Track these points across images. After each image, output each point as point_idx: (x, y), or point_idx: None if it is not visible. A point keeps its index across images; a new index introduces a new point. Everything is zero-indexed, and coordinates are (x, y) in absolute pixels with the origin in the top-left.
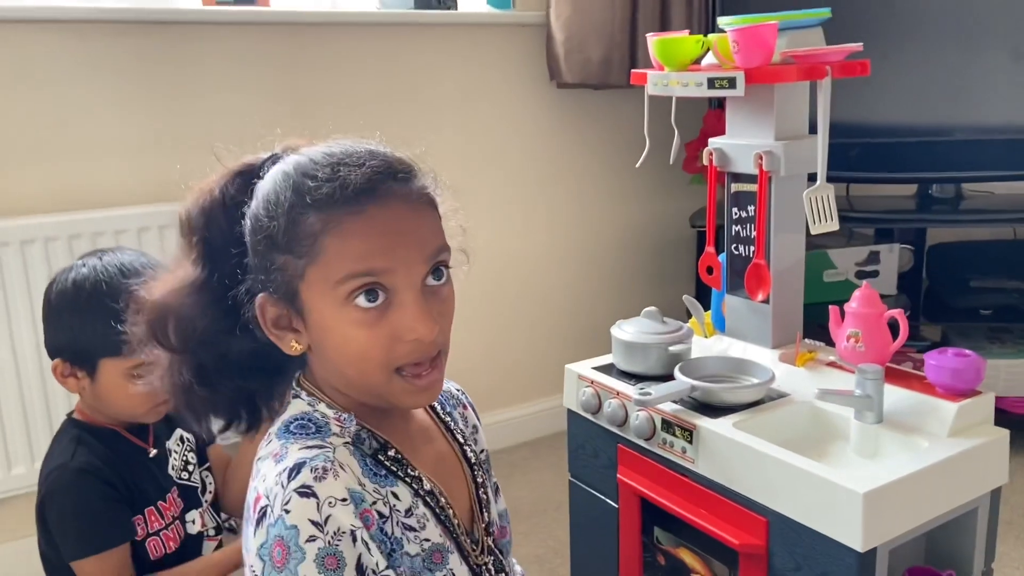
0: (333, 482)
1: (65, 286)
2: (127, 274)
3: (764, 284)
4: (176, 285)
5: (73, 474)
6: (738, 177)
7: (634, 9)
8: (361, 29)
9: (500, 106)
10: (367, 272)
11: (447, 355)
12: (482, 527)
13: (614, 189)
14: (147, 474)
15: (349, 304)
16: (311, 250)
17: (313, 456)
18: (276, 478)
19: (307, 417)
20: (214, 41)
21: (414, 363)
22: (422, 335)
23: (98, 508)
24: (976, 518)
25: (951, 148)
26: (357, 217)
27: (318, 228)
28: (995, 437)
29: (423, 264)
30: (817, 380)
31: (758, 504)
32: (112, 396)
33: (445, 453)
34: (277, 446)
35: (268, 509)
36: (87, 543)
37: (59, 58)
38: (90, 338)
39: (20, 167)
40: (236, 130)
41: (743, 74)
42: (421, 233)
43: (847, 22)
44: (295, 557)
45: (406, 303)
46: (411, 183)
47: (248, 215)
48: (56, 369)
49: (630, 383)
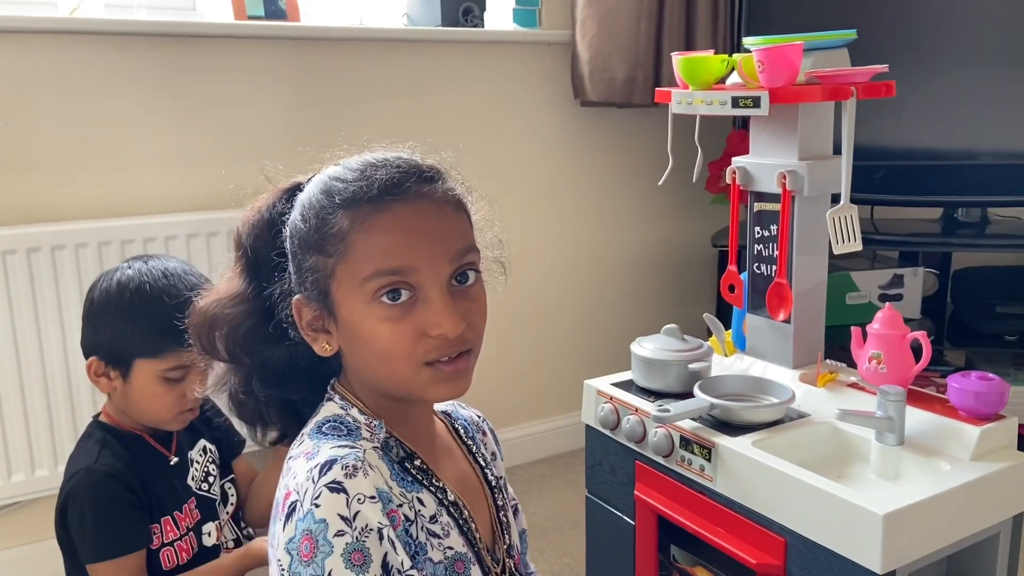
0: (363, 480)
1: (109, 285)
2: (171, 279)
3: (786, 304)
4: (222, 296)
5: (98, 477)
6: (761, 196)
7: (659, 28)
8: (389, 45)
9: (525, 123)
10: (392, 270)
11: (477, 355)
12: (504, 548)
13: (636, 207)
14: (165, 482)
15: (376, 301)
16: (340, 248)
17: (344, 454)
18: (307, 474)
19: (339, 420)
20: (245, 54)
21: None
22: (447, 330)
23: (118, 513)
24: (998, 544)
25: (977, 172)
26: (382, 215)
27: (346, 226)
28: (1018, 462)
29: (448, 263)
30: (838, 401)
31: (776, 524)
32: (142, 398)
33: (467, 472)
34: (309, 445)
35: (298, 504)
36: (106, 547)
37: (98, 69)
38: (128, 338)
39: (52, 174)
40: (266, 142)
41: (768, 93)
42: (446, 232)
43: (873, 44)
44: (323, 551)
45: (431, 299)
46: (437, 184)
47: (288, 223)
48: (90, 367)
49: (649, 400)
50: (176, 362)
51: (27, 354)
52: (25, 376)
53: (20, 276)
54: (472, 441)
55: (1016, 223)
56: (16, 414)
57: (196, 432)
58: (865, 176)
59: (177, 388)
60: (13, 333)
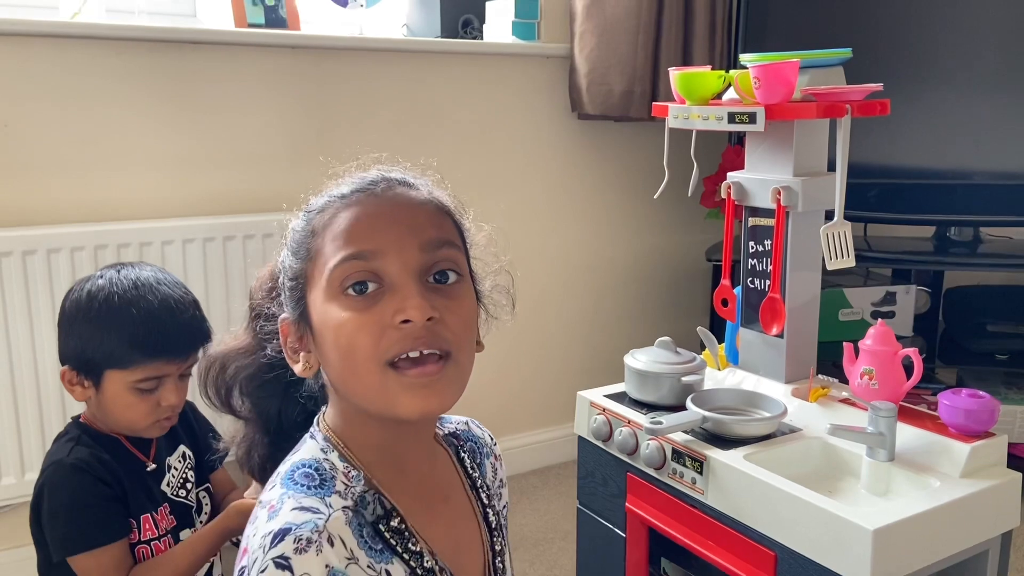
0: (313, 557)
1: (80, 296)
2: (141, 290)
3: (779, 318)
4: (229, 348)
5: (68, 469)
6: (756, 211)
7: (657, 43)
8: (388, 55)
9: (522, 135)
10: (356, 254)
11: (459, 364)
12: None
13: (632, 220)
14: (141, 485)
15: (342, 293)
16: (310, 248)
17: (302, 523)
18: (261, 540)
19: (315, 465)
20: (245, 62)
21: (408, 356)
22: (411, 315)
23: (92, 504)
24: (987, 561)
25: (970, 191)
26: (347, 209)
27: (316, 226)
28: (1008, 479)
29: (419, 250)
30: (830, 416)
31: (767, 538)
32: (115, 408)
33: (462, 515)
34: (276, 496)
35: (246, 571)
36: (81, 539)
37: (99, 74)
38: (97, 348)
39: (50, 177)
40: (264, 149)
41: (763, 110)
42: (417, 219)
43: (868, 63)
44: None
45: (397, 287)
46: (418, 189)
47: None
48: (64, 376)
49: (642, 412)
50: (145, 373)
51: (20, 357)
52: (17, 380)
53: (15, 278)
54: (478, 469)
55: (1008, 243)
56: (7, 417)
57: (176, 437)
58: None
59: (150, 398)
60: (7, 336)
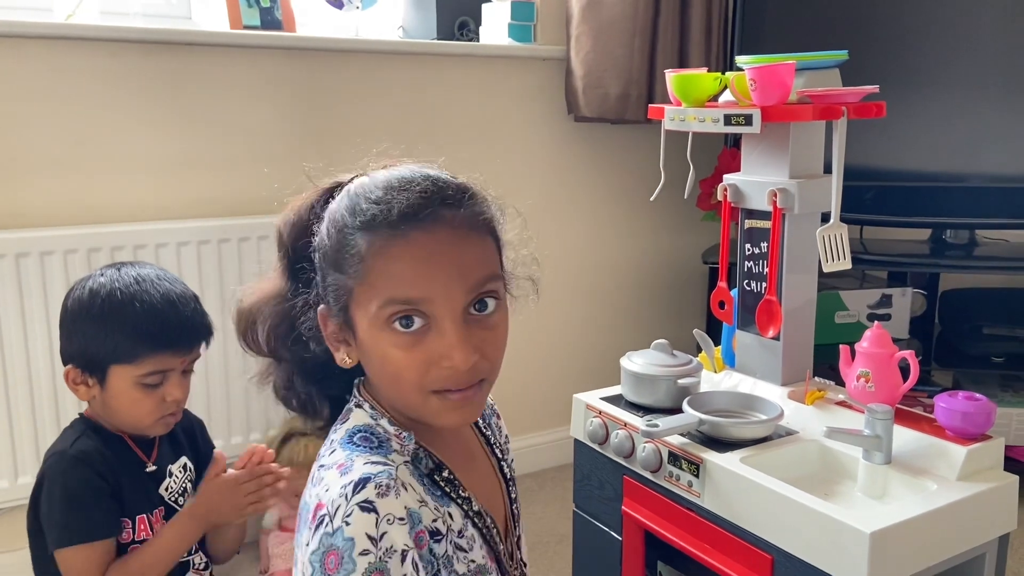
0: (394, 500)
1: (82, 293)
2: (142, 285)
3: (775, 321)
4: (263, 295)
5: (69, 460)
6: (752, 213)
7: (653, 46)
8: (383, 58)
9: (518, 137)
10: (405, 300)
11: (492, 383)
12: (514, 541)
13: (628, 222)
14: (140, 484)
15: (389, 327)
16: (358, 270)
17: (378, 472)
18: (340, 490)
19: (370, 430)
20: (241, 64)
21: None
22: (457, 363)
23: (87, 497)
24: (984, 564)
25: (966, 194)
26: (399, 241)
27: (364, 249)
28: (1004, 482)
29: (464, 293)
30: (826, 419)
31: (763, 541)
32: (120, 404)
33: (487, 472)
34: (342, 456)
35: (327, 519)
36: (72, 532)
37: (93, 76)
38: (102, 344)
39: (44, 179)
40: (260, 151)
41: (760, 112)
42: (464, 261)
43: (864, 65)
44: (346, 567)
45: (444, 331)
46: (462, 208)
47: (317, 233)
48: (68, 375)
49: (638, 415)
50: (151, 367)
51: (13, 360)
52: (11, 383)
53: (8, 281)
54: (490, 428)
55: (1004, 245)
56: (0, 421)
57: (180, 447)
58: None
59: (155, 393)
60: (0, 338)
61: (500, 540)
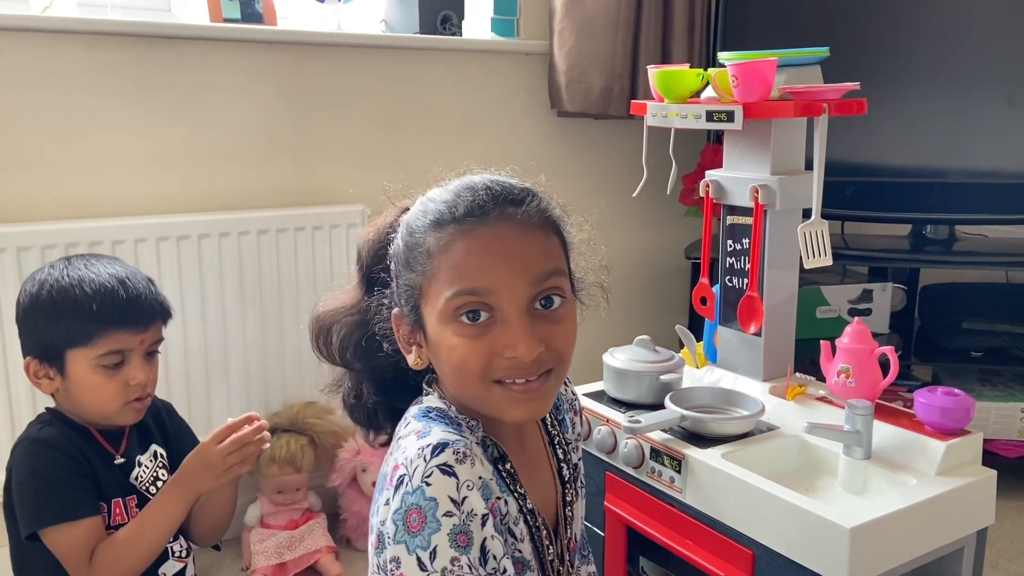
0: (471, 468)
1: (32, 287)
2: (90, 268)
3: (757, 316)
4: (339, 305)
5: (37, 445)
6: (734, 210)
7: (636, 41)
8: (366, 52)
9: (501, 132)
10: (470, 291)
11: (560, 373)
12: (565, 543)
13: (610, 218)
14: (110, 473)
15: (455, 319)
16: (426, 268)
17: (455, 440)
18: (418, 451)
19: (443, 411)
20: (221, 57)
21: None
22: (520, 354)
23: (62, 476)
24: (962, 557)
25: (945, 190)
26: (464, 236)
27: (431, 246)
28: (983, 477)
29: (529, 286)
30: (807, 414)
31: (745, 536)
32: (83, 391)
33: (544, 471)
34: (419, 425)
35: (406, 478)
36: (52, 511)
37: (71, 69)
38: (55, 330)
39: (24, 174)
40: (241, 145)
41: (741, 108)
42: (528, 255)
43: (845, 62)
44: (431, 527)
45: (508, 322)
46: (526, 205)
47: (393, 242)
48: (28, 369)
49: (620, 411)
50: (107, 347)
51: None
52: None
53: None
54: (559, 426)
55: (983, 241)
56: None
57: (149, 436)
58: (836, 192)
59: (117, 376)
60: None
61: (550, 542)
